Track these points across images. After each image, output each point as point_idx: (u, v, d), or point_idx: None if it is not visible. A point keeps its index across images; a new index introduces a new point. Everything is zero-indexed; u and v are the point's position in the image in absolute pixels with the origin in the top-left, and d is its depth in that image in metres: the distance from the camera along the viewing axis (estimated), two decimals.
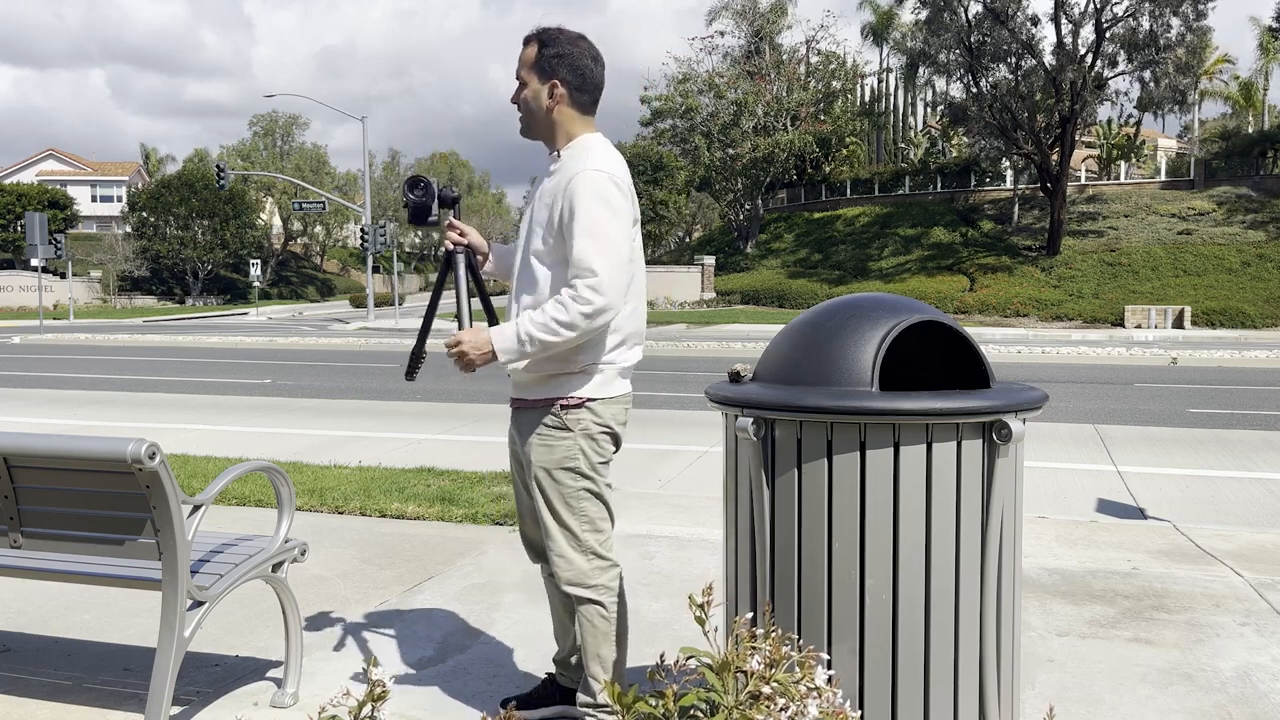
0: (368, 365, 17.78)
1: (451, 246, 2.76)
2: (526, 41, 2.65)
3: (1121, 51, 31.54)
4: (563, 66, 2.60)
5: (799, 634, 2.22)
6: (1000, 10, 31.61)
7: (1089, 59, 31.45)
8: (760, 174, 42.03)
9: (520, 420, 2.71)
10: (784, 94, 42.27)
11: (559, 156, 2.66)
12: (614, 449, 2.71)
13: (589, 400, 2.60)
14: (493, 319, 2.72)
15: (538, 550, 2.91)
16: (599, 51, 2.66)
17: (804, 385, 2.23)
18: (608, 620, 2.65)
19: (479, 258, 2.86)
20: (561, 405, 2.60)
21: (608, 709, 2.61)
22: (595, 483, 2.64)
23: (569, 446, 2.60)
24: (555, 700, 2.99)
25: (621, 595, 2.70)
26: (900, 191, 42.34)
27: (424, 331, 2.82)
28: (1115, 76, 32.30)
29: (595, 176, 2.51)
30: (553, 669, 3.08)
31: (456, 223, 2.77)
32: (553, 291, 2.56)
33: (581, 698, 2.74)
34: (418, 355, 2.85)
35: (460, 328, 2.65)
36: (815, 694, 1.71)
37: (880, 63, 52.94)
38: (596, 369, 2.61)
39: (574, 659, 2.97)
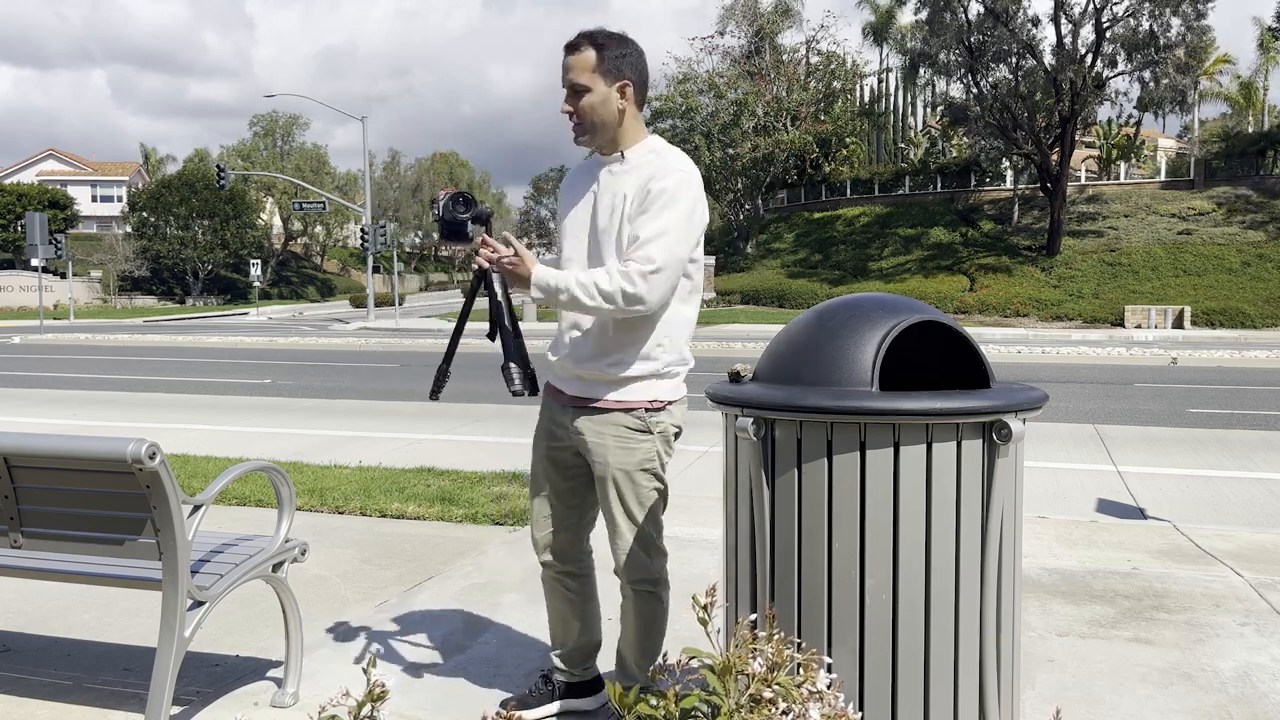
0: (368, 365, 17.78)
1: (486, 265, 2.68)
2: (576, 47, 2.57)
3: (1121, 51, 31.53)
4: (628, 67, 2.58)
5: (799, 634, 2.22)
6: (1000, 10, 31.60)
7: (1089, 59, 31.44)
8: (760, 174, 42.01)
9: (587, 422, 2.66)
10: (784, 94, 42.26)
11: (623, 158, 2.62)
12: None
13: (670, 404, 2.65)
14: (519, 336, 2.75)
15: (556, 552, 2.88)
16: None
17: (804, 385, 2.23)
18: (665, 612, 2.78)
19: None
20: (647, 409, 2.62)
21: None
22: (664, 482, 2.73)
23: (649, 449, 2.65)
24: (553, 698, 3.00)
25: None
26: (900, 191, 42.32)
27: (451, 351, 2.85)
28: (1115, 76, 32.31)
29: (691, 180, 2.54)
30: (552, 666, 3.07)
31: (490, 240, 2.71)
32: None
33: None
34: (443, 373, 2.86)
35: (492, 338, 2.75)
36: (817, 698, 1.71)
37: (880, 63, 52.98)
38: (674, 372, 2.65)
39: (579, 653, 2.98)
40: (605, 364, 2.60)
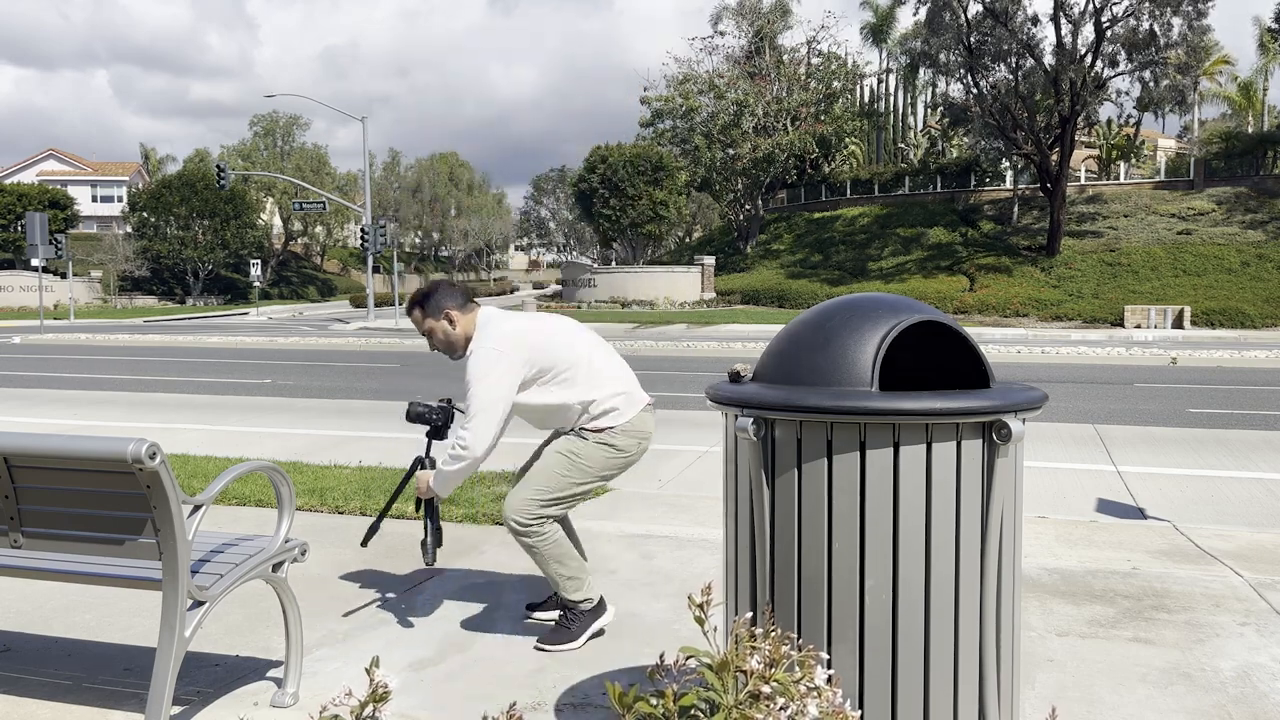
0: (368, 365, 17.78)
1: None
2: (410, 311, 3.58)
3: (1121, 51, 31.51)
4: (442, 299, 3.51)
5: (799, 634, 2.22)
6: (1000, 10, 31.59)
7: (1089, 59, 31.43)
8: (760, 174, 42.00)
9: None
10: (784, 94, 42.26)
11: (466, 354, 3.49)
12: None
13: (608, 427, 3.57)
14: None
15: None
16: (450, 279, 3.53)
17: (804, 385, 2.23)
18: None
19: None
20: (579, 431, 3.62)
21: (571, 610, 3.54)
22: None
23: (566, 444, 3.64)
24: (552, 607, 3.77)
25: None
26: (900, 192, 42.31)
27: (384, 512, 3.95)
28: (1115, 76, 32.28)
29: (481, 353, 3.36)
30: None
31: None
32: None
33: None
34: (375, 527, 3.87)
35: (417, 510, 3.86)
36: (815, 693, 1.71)
37: (880, 63, 52.97)
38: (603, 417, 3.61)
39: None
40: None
